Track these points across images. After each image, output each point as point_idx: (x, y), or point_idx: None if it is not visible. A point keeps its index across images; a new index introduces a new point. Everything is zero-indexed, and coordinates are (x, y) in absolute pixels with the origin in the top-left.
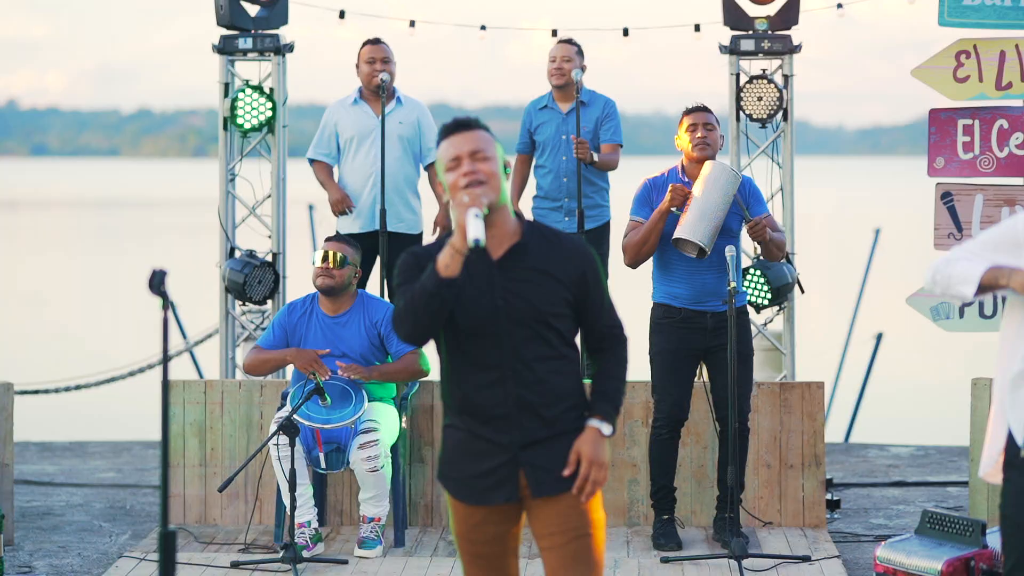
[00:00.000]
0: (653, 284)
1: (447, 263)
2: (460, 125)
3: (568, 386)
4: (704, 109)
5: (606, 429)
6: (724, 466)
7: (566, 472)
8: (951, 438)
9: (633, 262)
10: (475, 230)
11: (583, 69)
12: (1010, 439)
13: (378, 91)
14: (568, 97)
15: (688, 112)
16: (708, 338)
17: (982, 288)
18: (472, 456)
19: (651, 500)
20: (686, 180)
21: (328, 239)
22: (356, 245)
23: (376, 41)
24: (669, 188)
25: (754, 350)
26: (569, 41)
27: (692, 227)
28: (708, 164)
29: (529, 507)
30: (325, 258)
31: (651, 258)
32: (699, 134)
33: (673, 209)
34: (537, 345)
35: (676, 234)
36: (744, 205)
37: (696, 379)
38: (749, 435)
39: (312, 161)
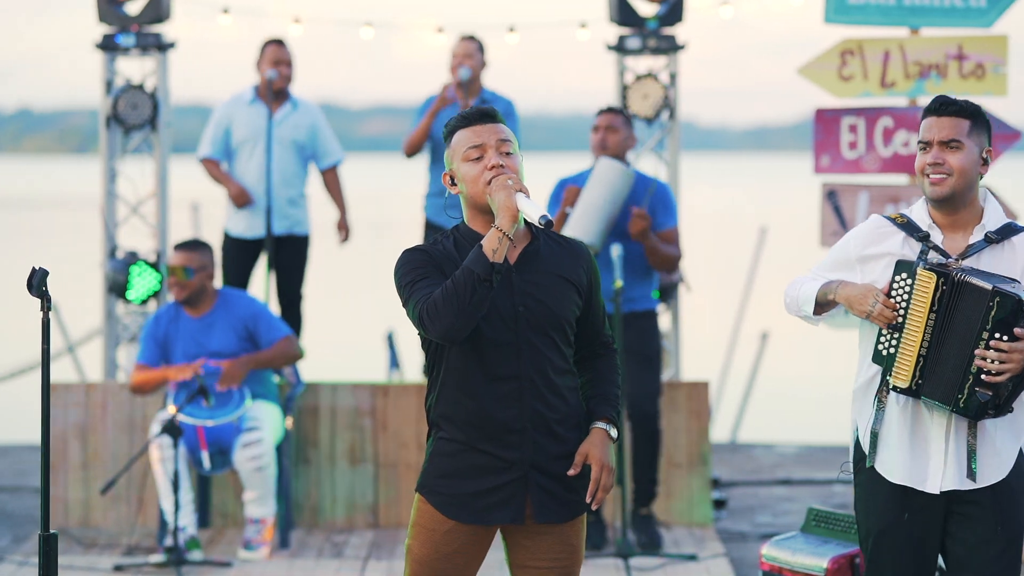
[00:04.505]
0: None
1: (495, 247)
2: (484, 115)
3: (577, 403)
4: (610, 111)
5: (613, 432)
6: (635, 465)
7: (571, 472)
8: (836, 437)
9: None
10: (537, 208)
11: (472, 69)
12: (857, 445)
13: (273, 91)
14: (470, 94)
15: (597, 114)
16: None
17: (819, 305)
18: (472, 472)
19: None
20: None
21: (176, 250)
22: (203, 244)
23: (279, 42)
24: (564, 189)
25: (661, 352)
26: (471, 38)
27: (576, 224)
28: (598, 161)
29: (515, 533)
30: (172, 272)
31: None
32: (598, 136)
33: (567, 209)
34: (554, 355)
35: (563, 232)
36: (632, 206)
37: None
38: (660, 436)
39: (201, 160)
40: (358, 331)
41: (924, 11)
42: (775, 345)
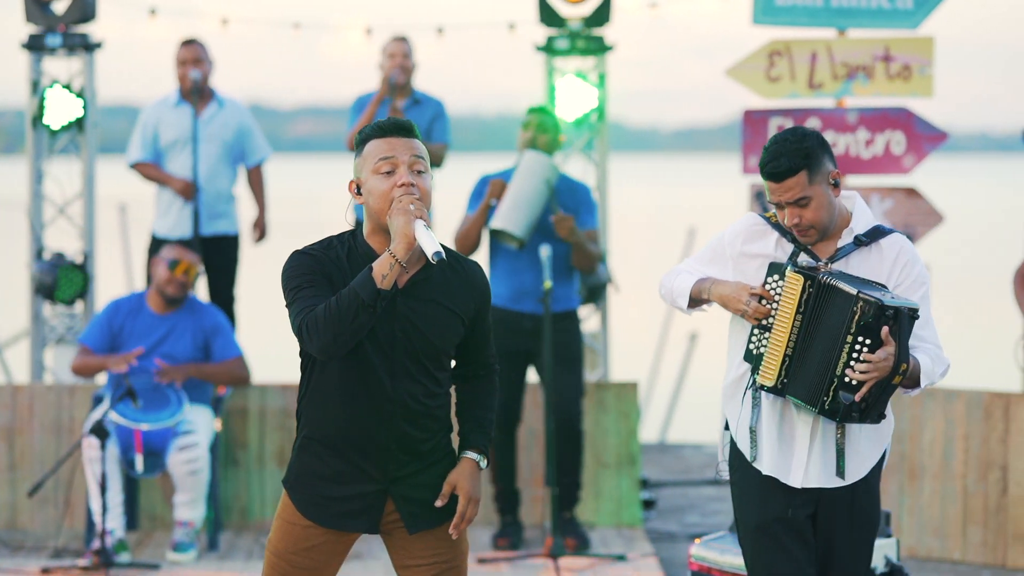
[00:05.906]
0: None
1: (385, 273)
2: (400, 128)
3: (446, 418)
4: (539, 110)
5: (483, 462)
6: (557, 468)
7: (439, 503)
8: None
9: (463, 254)
10: (432, 242)
11: (407, 70)
12: (732, 443)
13: (191, 92)
14: (401, 95)
15: (529, 112)
16: (530, 340)
17: (693, 301)
18: (333, 477)
19: (495, 503)
20: None
21: (176, 245)
22: (197, 251)
23: (190, 42)
24: (489, 183)
25: (583, 353)
26: (403, 39)
27: (504, 215)
28: (525, 154)
29: (392, 536)
30: (175, 266)
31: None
32: (528, 134)
33: (492, 202)
34: (427, 381)
35: (491, 224)
36: (557, 206)
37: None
38: (582, 438)
39: (134, 165)
40: (287, 332)
41: (851, 12)
42: (703, 346)
